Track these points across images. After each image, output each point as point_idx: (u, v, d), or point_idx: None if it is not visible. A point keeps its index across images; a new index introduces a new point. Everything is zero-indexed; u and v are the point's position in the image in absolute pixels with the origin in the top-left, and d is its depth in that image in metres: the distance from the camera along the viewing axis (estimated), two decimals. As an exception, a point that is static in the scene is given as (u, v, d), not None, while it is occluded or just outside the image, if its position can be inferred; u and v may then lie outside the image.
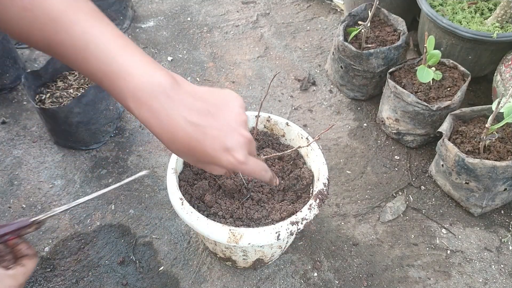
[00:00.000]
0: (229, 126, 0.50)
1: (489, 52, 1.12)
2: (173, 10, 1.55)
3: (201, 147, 0.48)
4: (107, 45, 0.46)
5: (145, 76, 0.47)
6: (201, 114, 0.49)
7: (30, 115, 1.16)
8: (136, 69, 0.47)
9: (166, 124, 0.47)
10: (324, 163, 0.76)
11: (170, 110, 0.47)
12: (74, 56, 0.46)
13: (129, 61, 0.47)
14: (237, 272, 0.86)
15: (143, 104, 0.46)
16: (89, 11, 0.47)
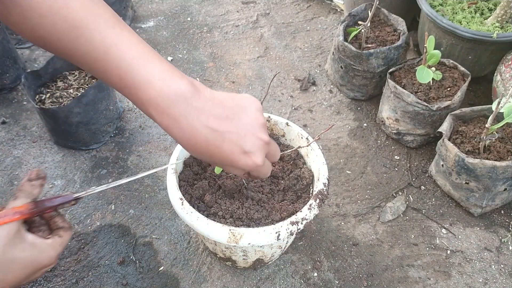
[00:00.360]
0: (247, 130, 0.51)
1: (489, 52, 1.12)
2: (173, 10, 1.55)
3: (220, 151, 0.50)
4: (127, 53, 0.47)
5: (165, 84, 0.47)
6: (220, 119, 0.50)
7: (30, 115, 1.16)
8: (156, 77, 0.47)
9: (187, 130, 0.48)
10: (324, 163, 0.76)
11: (190, 117, 0.48)
12: (94, 64, 0.46)
13: (149, 69, 0.48)
14: (237, 272, 0.86)
15: (164, 112, 0.47)
16: (109, 18, 0.47)
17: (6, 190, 0.99)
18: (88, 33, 0.45)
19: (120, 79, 0.47)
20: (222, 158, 0.51)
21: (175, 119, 0.48)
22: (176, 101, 0.48)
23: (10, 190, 0.99)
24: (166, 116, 0.47)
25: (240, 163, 0.51)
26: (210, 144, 0.49)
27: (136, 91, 0.47)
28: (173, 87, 0.48)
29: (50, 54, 1.33)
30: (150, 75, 0.47)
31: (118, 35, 0.47)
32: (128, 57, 0.47)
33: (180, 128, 0.48)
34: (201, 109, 0.49)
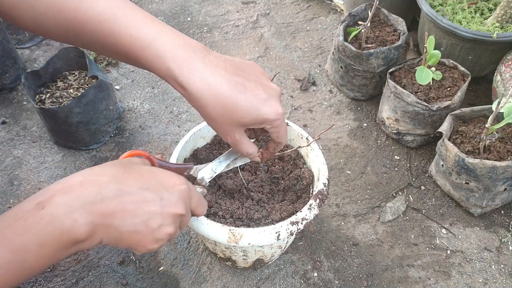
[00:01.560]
0: (260, 81, 0.53)
1: (489, 52, 1.12)
2: (173, 10, 1.55)
3: (244, 98, 0.50)
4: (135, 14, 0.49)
5: (181, 37, 0.49)
6: (237, 71, 0.51)
7: (30, 115, 1.16)
8: (169, 32, 0.49)
9: (209, 81, 0.48)
10: (324, 163, 0.76)
11: (210, 66, 0.49)
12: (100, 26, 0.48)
13: (161, 26, 0.49)
14: (237, 272, 0.86)
15: (183, 63, 0.48)
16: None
17: (6, 190, 0.99)
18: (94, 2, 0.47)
19: (131, 37, 0.48)
20: (248, 106, 0.50)
21: (196, 70, 0.48)
22: (194, 52, 0.49)
23: (10, 190, 0.99)
24: (186, 67, 0.48)
25: (264, 110, 0.51)
26: (234, 92, 0.49)
27: (150, 45, 0.48)
28: (188, 41, 0.50)
29: (50, 54, 1.33)
30: (161, 28, 0.49)
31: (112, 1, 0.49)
32: (139, 17, 0.48)
33: (202, 80, 0.48)
34: (218, 61, 0.50)
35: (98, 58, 1.32)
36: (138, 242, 0.48)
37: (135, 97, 1.23)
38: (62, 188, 0.45)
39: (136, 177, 0.48)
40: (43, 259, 0.43)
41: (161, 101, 1.22)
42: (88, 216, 0.43)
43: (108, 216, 0.45)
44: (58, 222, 0.42)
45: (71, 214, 0.43)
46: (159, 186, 0.49)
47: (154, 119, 1.17)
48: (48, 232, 0.42)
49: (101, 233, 0.45)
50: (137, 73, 1.30)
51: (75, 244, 0.44)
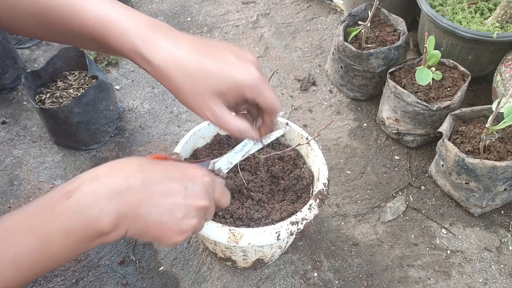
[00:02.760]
0: (231, 50, 0.51)
1: (489, 52, 1.12)
2: (173, 10, 1.55)
3: (215, 66, 0.49)
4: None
5: (146, 17, 0.50)
6: (204, 44, 0.51)
7: (30, 115, 1.16)
8: (134, 12, 0.50)
9: (174, 52, 0.48)
10: (324, 163, 0.76)
11: (175, 40, 0.49)
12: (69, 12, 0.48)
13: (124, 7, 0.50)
14: (237, 272, 0.86)
15: (148, 39, 0.48)
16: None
17: (6, 190, 0.99)
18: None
19: (96, 18, 0.49)
20: (219, 71, 0.49)
21: (161, 45, 0.48)
22: (159, 28, 0.49)
23: (10, 190, 0.99)
24: (150, 42, 0.48)
25: (238, 74, 0.49)
26: (201, 59, 0.49)
27: (115, 24, 0.49)
28: (153, 20, 0.50)
29: (50, 54, 1.33)
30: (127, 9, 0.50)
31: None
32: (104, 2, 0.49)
33: (167, 53, 0.48)
34: (182, 36, 0.50)
35: (98, 58, 1.32)
36: (164, 233, 0.47)
37: (135, 97, 1.23)
38: (90, 177, 0.45)
39: (161, 168, 0.48)
40: (68, 249, 0.43)
41: (161, 101, 1.22)
42: (115, 205, 0.44)
43: (134, 205, 0.45)
44: (85, 210, 0.43)
45: (98, 203, 0.43)
46: (183, 177, 0.49)
47: (154, 119, 1.17)
48: (74, 221, 0.43)
49: (127, 223, 0.45)
50: (137, 73, 1.30)
51: (100, 236, 0.44)
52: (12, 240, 0.41)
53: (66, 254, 0.43)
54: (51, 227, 0.42)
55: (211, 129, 0.84)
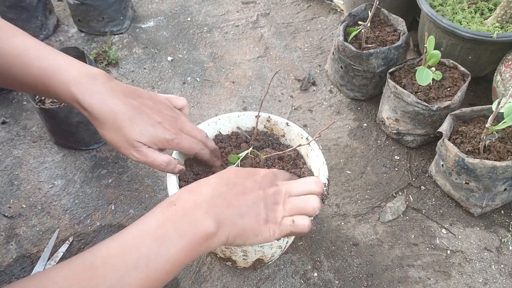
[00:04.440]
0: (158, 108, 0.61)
1: (489, 52, 1.12)
2: (173, 10, 1.55)
3: (140, 120, 0.58)
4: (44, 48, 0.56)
5: (83, 66, 0.57)
6: (135, 97, 0.59)
7: (30, 115, 1.16)
8: (74, 62, 0.57)
9: (108, 102, 0.56)
10: (324, 163, 0.76)
11: (110, 91, 0.56)
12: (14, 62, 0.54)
13: (65, 58, 0.57)
14: (237, 272, 0.86)
15: (85, 88, 0.55)
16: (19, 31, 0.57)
17: (6, 190, 0.99)
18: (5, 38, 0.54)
19: (40, 68, 0.54)
20: (142, 126, 0.58)
21: (98, 93, 0.55)
22: (96, 79, 0.56)
23: (10, 190, 0.99)
24: (89, 91, 0.55)
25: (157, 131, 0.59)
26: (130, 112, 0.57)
27: (57, 74, 0.55)
28: (91, 69, 0.57)
29: (50, 54, 1.33)
30: (68, 60, 0.56)
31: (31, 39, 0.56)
32: (48, 51, 0.56)
33: (102, 102, 0.55)
34: (117, 86, 0.58)
35: (98, 58, 1.32)
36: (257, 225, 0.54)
37: (135, 97, 1.23)
38: (185, 191, 0.52)
39: (233, 173, 0.57)
40: (183, 251, 0.46)
41: (161, 101, 1.22)
42: (212, 209, 0.50)
43: (226, 206, 0.51)
44: (190, 214, 0.48)
45: (199, 207, 0.49)
46: (251, 174, 0.58)
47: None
48: (184, 223, 0.47)
49: (226, 224, 0.51)
50: (137, 73, 1.30)
51: (208, 238, 0.48)
52: (131, 247, 0.44)
53: (181, 258, 0.46)
54: (166, 229, 0.46)
55: (211, 129, 0.84)
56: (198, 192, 0.52)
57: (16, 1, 1.25)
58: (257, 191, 0.55)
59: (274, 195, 0.56)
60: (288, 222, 0.56)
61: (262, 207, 0.55)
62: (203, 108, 1.21)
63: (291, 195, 0.59)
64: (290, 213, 0.57)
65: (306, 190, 0.61)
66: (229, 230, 0.51)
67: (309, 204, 0.59)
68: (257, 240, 0.55)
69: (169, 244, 0.45)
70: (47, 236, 0.91)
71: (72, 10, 1.38)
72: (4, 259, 0.87)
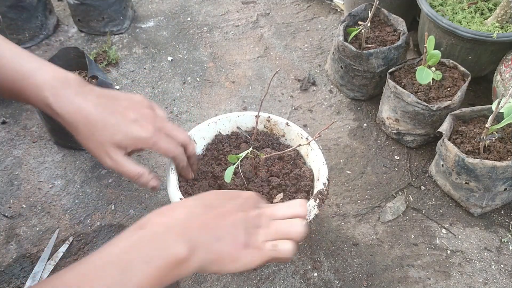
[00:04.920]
0: (135, 107, 0.59)
1: (489, 52, 1.12)
2: (173, 10, 1.55)
3: (113, 120, 0.56)
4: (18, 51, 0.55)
5: (57, 70, 0.56)
6: (109, 98, 0.58)
7: (30, 115, 1.16)
8: (47, 65, 0.56)
9: (80, 105, 0.56)
10: (324, 163, 0.76)
11: (82, 95, 0.55)
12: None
13: (39, 61, 0.56)
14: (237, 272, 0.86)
15: (58, 92, 0.54)
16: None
17: (6, 190, 0.99)
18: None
19: (13, 71, 0.54)
20: (116, 125, 0.56)
21: (70, 97, 0.54)
22: (68, 83, 0.55)
23: (10, 190, 0.99)
24: (62, 96, 0.54)
25: (132, 129, 0.56)
26: (103, 113, 0.55)
27: (30, 77, 0.54)
28: (64, 73, 0.56)
29: (49, 54, 1.33)
30: (41, 64, 0.56)
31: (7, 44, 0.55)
32: (23, 55, 0.55)
33: (75, 106, 0.54)
34: (92, 91, 0.57)
35: (98, 58, 1.32)
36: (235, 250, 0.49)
37: (135, 97, 1.23)
38: (156, 213, 0.49)
39: (213, 195, 0.55)
40: (150, 279, 0.43)
41: (161, 101, 1.22)
42: (185, 232, 0.46)
43: (202, 229, 0.48)
44: (161, 237, 0.45)
45: (171, 231, 0.46)
46: (234, 196, 0.55)
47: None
48: (152, 248, 0.44)
49: (200, 249, 0.47)
50: (137, 73, 1.30)
51: (178, 264, 0.44)
52: (93, 276, 0.41)
53: (147, 286, 0.43)
54: (131, 256, 0.43)
55: (211, 129, 0.84)
56: (171, 215, 0.48)
57: (16, 1, 1.25)
58: (238, 214, 0.51)
59: (256, 218, 0.52)
60: (269, 247, 0.51)
61: (242, 230, 0.50)
62: (203, 108, 1.21)
63: (275, 218, 0.55)
64: (273, 237, 0.52)
65: (290, 213, 0.56)
66: (204, 255, 0.46)
67: (293, 228, 0.54)
68: (235, 266, 0.49)
69: (134, 272, 0.42)
70: (47, 236, 0.91)
71: (72, 10, 1.38)
72: (4, 259, 0.87)
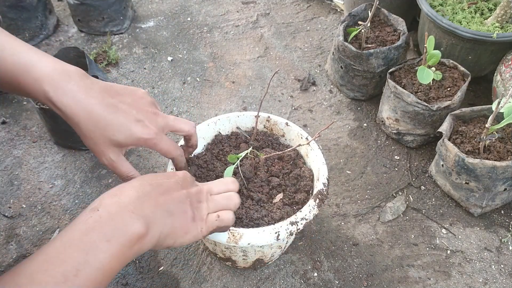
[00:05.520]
0: (137, 105, 0.57)
1: (489, 52, 1.12)
2: (173, 10, 1.55)
3: (116, 118, 0.54)
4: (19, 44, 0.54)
5: (57, 62, 0.54)
6: (113, 94, 0.56)
7: (30, 115, 1.16)
8: (48, 58, 0.54)
9: (82, 101, 0.53)
10: (324, 163, 0.76)
11: (84, 90, 0.53)
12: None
13: (40, 53, 0.54)
14: (237, 272, 0.86)
15: (58, 86, 0.52)
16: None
17: (6, 190, 0.99)
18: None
19: (14, 63, 0.52)
20: (118, 125, 0.54)
21: (71, 91, 0.52)
22: (69, 76, 0.53)
23: (10, 190, 0.99)
24: (62, 89, 0.52)
25: (135, 129, 0.55)
26: (105, 112, 0.54)
27: (30, 70, 0.52)
28: (66, 65, 0.55)
29: (50, 54, 1.33)
30: (41, 56, 0.54)
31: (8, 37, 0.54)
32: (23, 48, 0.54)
33: (76, 101, 0.52)
34: (92, 84, 0.55)
35: (98, 58, 1.32)
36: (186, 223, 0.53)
37: (135, 97, 1.23)
38: (107, 194, 0.49)
39: (153, 177, 0.55)
40: (113, 257, 0.44)
41: (161, 101, 1.22)
42: (139, 209, 0.48)
43: (154, 205, 0.50)
44: (117, 217, 0.46)
45: (125, 209, 0.47)
46: (170, 176, 0.57)
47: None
48: (111, 227, 0.45)
49: (157, 224, 0.49)
50: (137, 73, 1.30)
51: (137, 240, 0.47)
52: (56, 260, 0.42)
53: (112, 265, 0.44)
54: (92, 237, 0.44)
55: (210, 129, 0.84)
56: (122, 194, 0.49)
57: (16, 1, 1.25)
58: (181, 191, 0.55)
59: (197, 194, 0.57)
60: (213, 218, 0.57)
61: (188, 205, 0.54)
62: (203, 108, 1.21)
63: (212, 193, 0.60)
64: (214, 209, 0.58)
65: (224, 189, 0.62)
66: (160, 230, 0.50)
67: (231, 201, 0.60)
68: (186, 238, 0.53)
69: (98, 252, 0.43)
70: (47, 236, 0.91)
71: (72, 10, 1.38)
72: (4, 259, 0.87)
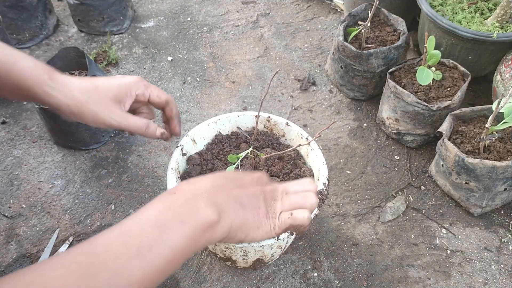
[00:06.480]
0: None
1: (489, 52, 1.12)
2: (173, 10, 1.55)
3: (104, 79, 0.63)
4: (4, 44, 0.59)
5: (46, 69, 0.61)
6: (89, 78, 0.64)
7: (30, 115, 1.16)
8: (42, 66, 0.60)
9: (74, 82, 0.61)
10: (324, 163, 0.76)
11: (70, 78, 0.61)
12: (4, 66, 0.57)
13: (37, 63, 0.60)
14: (237, 272, 0.86)
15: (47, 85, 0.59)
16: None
17: (6, 190, 0.99)
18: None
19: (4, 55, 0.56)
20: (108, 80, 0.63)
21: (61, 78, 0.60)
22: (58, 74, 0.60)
23: (10, 190, 0.99)
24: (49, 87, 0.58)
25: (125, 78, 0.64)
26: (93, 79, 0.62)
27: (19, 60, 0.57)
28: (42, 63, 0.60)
29: (49, 54, 1.33)
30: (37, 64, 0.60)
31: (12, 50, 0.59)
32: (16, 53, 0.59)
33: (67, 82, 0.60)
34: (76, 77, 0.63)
35: (98, 58, 1.32)
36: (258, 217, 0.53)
37: (135, 97, 1.23)
38: (184, 183, 0.52)
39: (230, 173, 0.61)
40: (185, 238, 0.45)
41: (161, 101, 1.22)
42: (213, 197, 0.49)
43: (227, 196, 0.51)
44: (191, 202, 0.48)
45: (199, 196, 0.49)
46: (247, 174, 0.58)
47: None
48: (185, 210, 0.47)
49: (229, 214, 0.50)
50: (137, 73, 1.30)
51: (209, 227, 0.48)
52: (133, 234, 0.43)
53: (184, 246, 0.45)
54: (167, 216, 0.46)
55: (211, 129, 0.84)
56: (198, 183, 0.52)
57: (16, 1, 1.25)
58: (256, 187, 0.55)
59: (271, 192, 0.56)
60: (286, 215, 0.55)
61: (261, 201, 0.54)
62: (203, 108, 1.21)
63: (288, 193, 0.58)
64: (288, 208, 0.56)
65: (302, 189, 0.60)
66: (231, 220, 0.50)
67: (307, 200, 0.57)
68: (258, 233, 0.53)
69: (171, 231, 0.44)
70: (47, 236, 0.91)
71: (72, 10, 1.38)
72: (4, 259, 0.87)
